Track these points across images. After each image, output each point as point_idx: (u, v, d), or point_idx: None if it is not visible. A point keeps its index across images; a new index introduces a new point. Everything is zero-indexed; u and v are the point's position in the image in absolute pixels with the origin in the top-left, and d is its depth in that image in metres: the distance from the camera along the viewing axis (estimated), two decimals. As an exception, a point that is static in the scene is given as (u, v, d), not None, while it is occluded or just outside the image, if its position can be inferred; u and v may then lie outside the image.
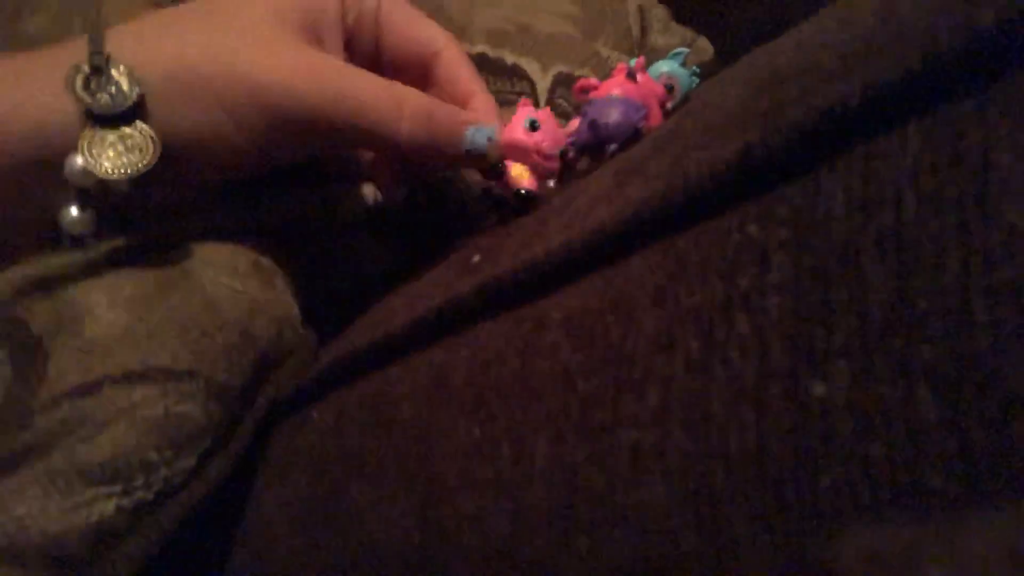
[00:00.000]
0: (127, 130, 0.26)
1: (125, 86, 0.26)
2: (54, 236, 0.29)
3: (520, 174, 0.31)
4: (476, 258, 0.27)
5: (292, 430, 0.29)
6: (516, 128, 0.31)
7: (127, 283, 0.28)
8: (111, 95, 0.26)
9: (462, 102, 0.33)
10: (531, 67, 0.46)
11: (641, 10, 0.50)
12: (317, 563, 0.24)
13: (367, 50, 0.34)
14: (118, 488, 0.25)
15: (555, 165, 0.31)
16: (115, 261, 0.29)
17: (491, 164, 0.31)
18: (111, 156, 0.26)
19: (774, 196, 0.15)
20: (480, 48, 0.46)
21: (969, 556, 0.10)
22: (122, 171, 0.26)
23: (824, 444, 0.13)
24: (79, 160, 0.25)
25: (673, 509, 0.15)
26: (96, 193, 0.26)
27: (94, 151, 0.26)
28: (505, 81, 0.45)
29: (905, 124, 0.13)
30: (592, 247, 0.19)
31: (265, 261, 0.32)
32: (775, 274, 0.14)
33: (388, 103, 0.29)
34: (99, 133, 0.26)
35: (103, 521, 0.24)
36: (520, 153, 0.30)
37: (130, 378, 0.26)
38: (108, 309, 0.27)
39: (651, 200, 0.18)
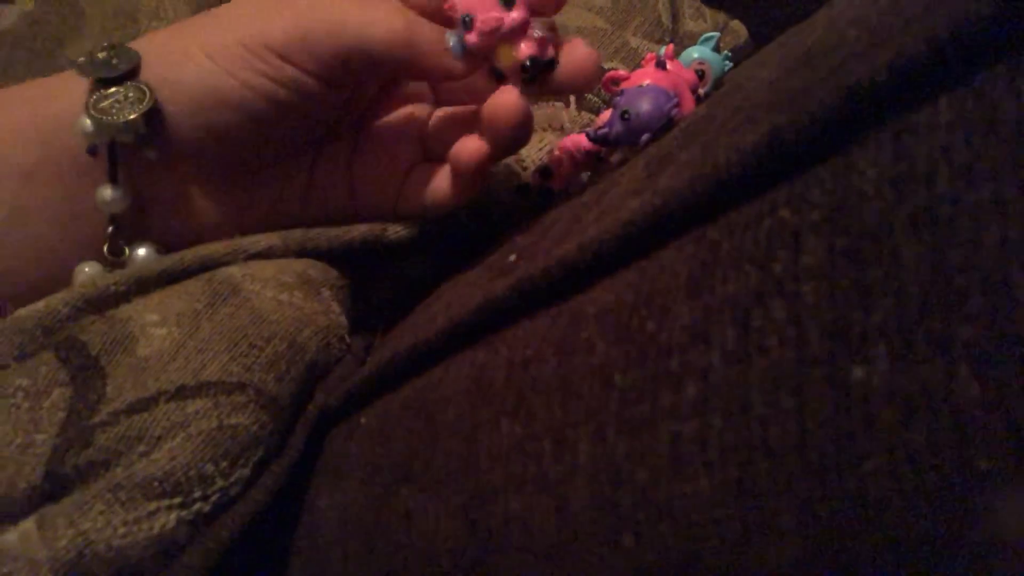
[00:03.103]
0: (127, 86, 0.30)
1: (123, 64, 0.30)
2: (104, 257, 0.31)
3: (508, 54, 0.30)
4: (512, 257, 0.27)
5: (342, 437, 0.29)
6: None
7: (177, 300, 0.29)
8: (110, 63, 0.30)
9: None
10: None
11: (670, -3, 0.50)
12: (371, 567, 0.25)
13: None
14: (178, 501, 0.25)
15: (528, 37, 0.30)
16: (165, 280, 0.30)
17: (495, 67, 0.30)
18: (115, 108, 0.29)
19: (805, 178, 0.15)
20: None
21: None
22: (126, 114, 0.29)
23: (866, 429, 0.12)
24: (86, 119, 0.29)
25: (716, 501, 0.15)
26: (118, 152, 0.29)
27: (100, 106, 0.29)
28: None
29: (936, 97, 0.13)
30: (624, 240, 0.19)
31: (311, 273, 0.33)
32: (809, 257, 0.14)
33: (404, 28, 0.30)
34: (101, 92, 0.29)
35: (165, 533, 0.25)
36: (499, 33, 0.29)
37: (183, 392, 0.26)
38: (160, 327, 0.28)
39: (681, 190, 0.17)
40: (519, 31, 0.29)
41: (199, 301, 0.29)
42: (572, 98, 0.44)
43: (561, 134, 0.42)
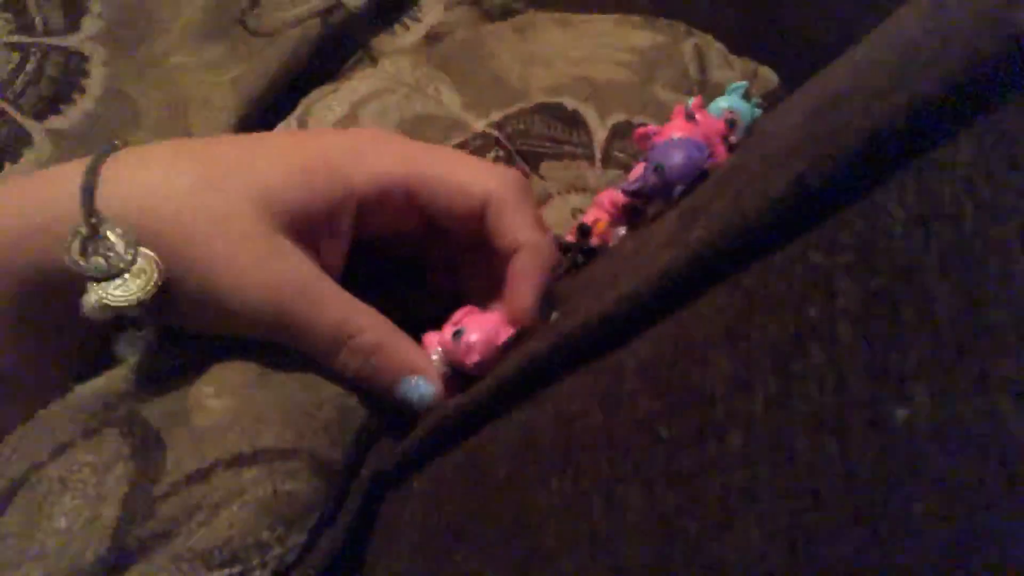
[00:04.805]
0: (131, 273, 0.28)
1: (121, 248, 0.28)
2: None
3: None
4: (555, 315, 0.27)
5: (396, 501, 0.29)
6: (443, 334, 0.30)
7: (231, 373, 0.30)
8: (107, 259, 0.27)
9: (509, 254, 0.31)
10: (589, 115, 0.46)
11: (697, 49, 0.50)
12: (428, 632, 0.24)
13: (404, 221, 0.32)
14: (237, 569, 0.26)
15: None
16: (218, 354, 0.31)
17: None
18: (117, 284, 0.27)
19: (834, 222, 0.15)
20: (539, 99, 0.47)
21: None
22: (131, 298, 0.27)
23: (912, 471, 0.12)
24: (92, 297, 0.27)
25: (769, 551, 0.14)
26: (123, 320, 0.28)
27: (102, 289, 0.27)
28: (566, 130, 0.46)
29: (955, 135, 0.13)
30: (661, 293, 0.19)
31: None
32: (843, 300, 0.14)
33: (329, 337, 0.29)
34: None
35: (225, 602, 0.25)
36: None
37: (239, 461, 0.27)
38: (215, 398, 0.29)
39: (712, 240, 0.18)
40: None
41: (252, 372, 0.30)
42: (597, 155, 0.45)
43: (586, 194, 0.43)
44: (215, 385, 0.29)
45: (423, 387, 0.30)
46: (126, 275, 0.27)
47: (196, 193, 0.29)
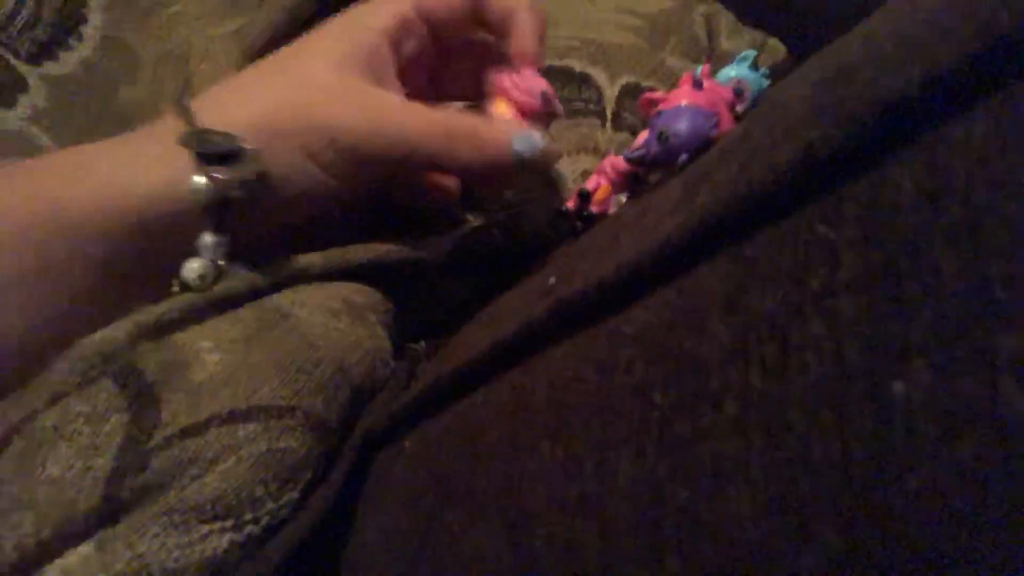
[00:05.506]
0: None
1: (225, 139, 0.30)
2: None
3: (503, 111, 0.34)
4: (552, 280, 0.27)
5: (387, 461, 0.30)
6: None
7: (229, 327, 0.30)
8: (214, 143, 0.30)
9: (507, 27, 0.36)
10: (599, 76, 0.46)
11: (707, 17, 0.50)
12: (417, 590, 0.25)
13: (427, 59, 0.37)
14: (230, 523, 0.26)
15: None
16: (217, 308, 0.31)
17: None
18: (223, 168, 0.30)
19: (841, 193, 0.15)
20: (546, 62, 0.47)
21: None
22: (235, 178, 0.29)
23: (908, 445, 0.12)
24: (199, 178, 0.29)
25: (759, 520, 0.14)
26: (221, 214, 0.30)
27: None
28: (574, 88, 0.46)
29: (971, 108, 0.13)
30: (661, 260, 0.19)
31: (357, 299, 0.33)
32: (846, 272, 0.14)
33: (443, 135, 0.32)
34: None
35: (217, 556, 0.25)
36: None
37: (235, 417, 0.27)
38: (212, 352, 0.29)
39: (716, 208, 0.17)
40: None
41: (250, 328, 0.30)
42: (609, 117, 0.44)
43: (595, 155, 0.43)
44: (212, 339, 0.29)
45: (530, 138, 0.32)
46: (231, 160, 0.30)
47: (281, 81, 0.32)
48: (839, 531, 0.13)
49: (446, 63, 0.39)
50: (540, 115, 0.34)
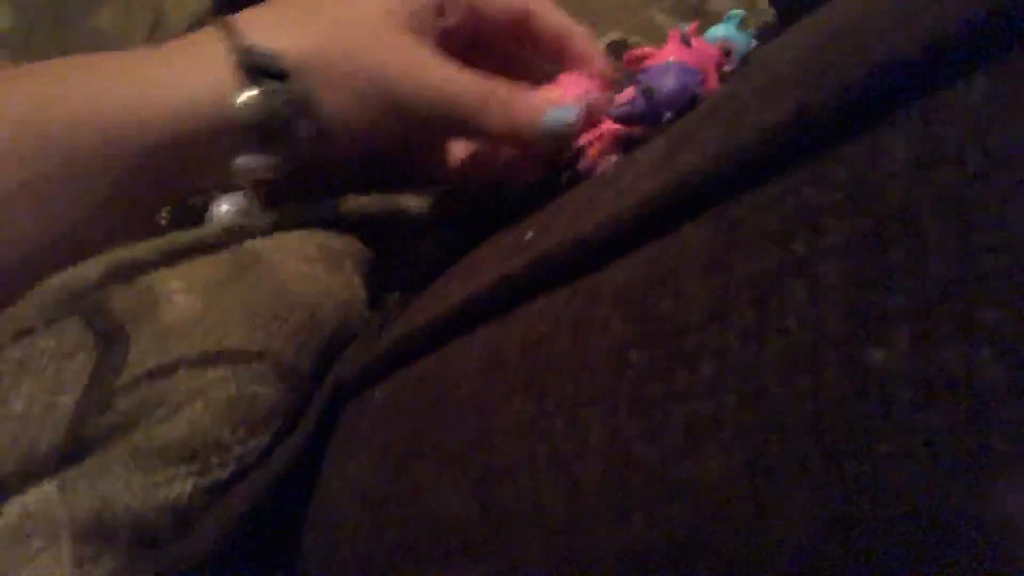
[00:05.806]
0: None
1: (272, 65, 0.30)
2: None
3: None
4: (530, 234, 0.26)
5: (357, 411, 0.29)
6: None
7: (202, 269, 0.29)
8: (261, 65, 0.30)
9: (559, 50, 0.36)
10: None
11: (699, -26, 0.49)
12: (383, 542, 0.25)
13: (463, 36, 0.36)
14: (195, 467, 0.26)
15: None
16: (191, 249, 0.30)
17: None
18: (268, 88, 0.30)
19: (830, 157, 0.15)
20: None
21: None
22: (279, 99, 0.30)
23: (882, 412, 0.12)
24: (246, 93, 0.29)
25: (728, 482, 0.15)
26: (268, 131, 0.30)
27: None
28: None
29: (968, 77, 0.13)
30: (641, 219, 0.18)
31: (334, 245, 0.33)
32: (831, 238, 0.14)
33: (477, 97, 0.32)
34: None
35: (181, 499, 0.25)
36: None
37: (204, 360, 0.27)
38: (184, 294, 0.29)
39: (702, 167, 0.17)
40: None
41: (223, 270, 0.29)
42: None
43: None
44: (184, 280, 0.29)
45: (564, 111, 0.32)
46: (277, 82, 0.30)
47: (330, 17, 0.32)
48: (808, 495, 0.13)
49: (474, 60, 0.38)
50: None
